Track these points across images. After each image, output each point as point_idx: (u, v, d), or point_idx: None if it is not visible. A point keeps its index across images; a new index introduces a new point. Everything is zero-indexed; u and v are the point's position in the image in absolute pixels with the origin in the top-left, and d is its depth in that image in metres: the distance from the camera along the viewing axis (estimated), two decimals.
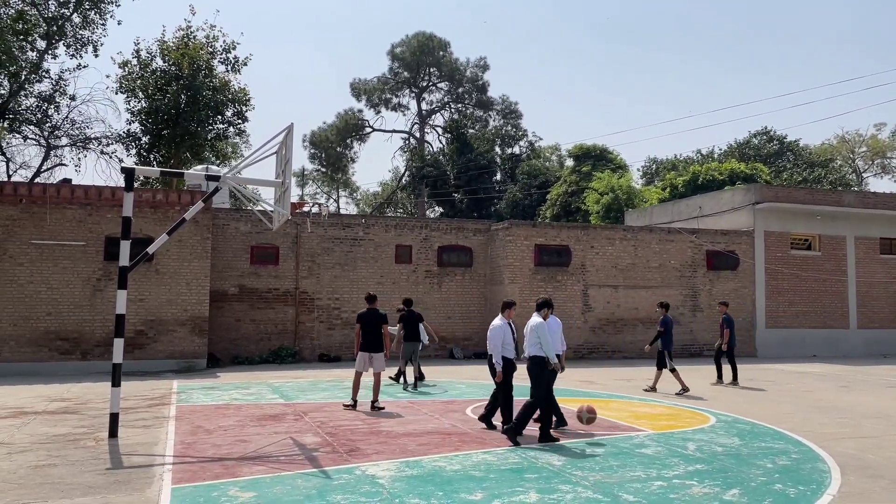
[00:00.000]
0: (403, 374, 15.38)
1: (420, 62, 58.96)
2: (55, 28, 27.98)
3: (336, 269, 21.76)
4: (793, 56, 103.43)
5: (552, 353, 9.40)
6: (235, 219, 21.05)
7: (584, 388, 15.10)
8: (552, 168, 53.21)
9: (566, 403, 11.49)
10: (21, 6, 27.00)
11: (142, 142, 28.25)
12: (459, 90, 60.27)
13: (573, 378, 16.46)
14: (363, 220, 22.82)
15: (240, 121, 29.29)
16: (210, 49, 28.25)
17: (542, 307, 9.81)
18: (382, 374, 12.31)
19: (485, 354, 21.97)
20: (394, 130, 62.05)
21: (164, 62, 27.70)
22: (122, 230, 9.68)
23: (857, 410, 12.51)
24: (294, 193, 57.96)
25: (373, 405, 11.90)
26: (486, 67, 60.06)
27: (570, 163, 46.55)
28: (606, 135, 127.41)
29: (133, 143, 28.45)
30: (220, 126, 28.98)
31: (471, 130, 55.90)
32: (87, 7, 28.34)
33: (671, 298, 23.50)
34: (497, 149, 56.28)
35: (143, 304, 18.42)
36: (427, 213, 54.82)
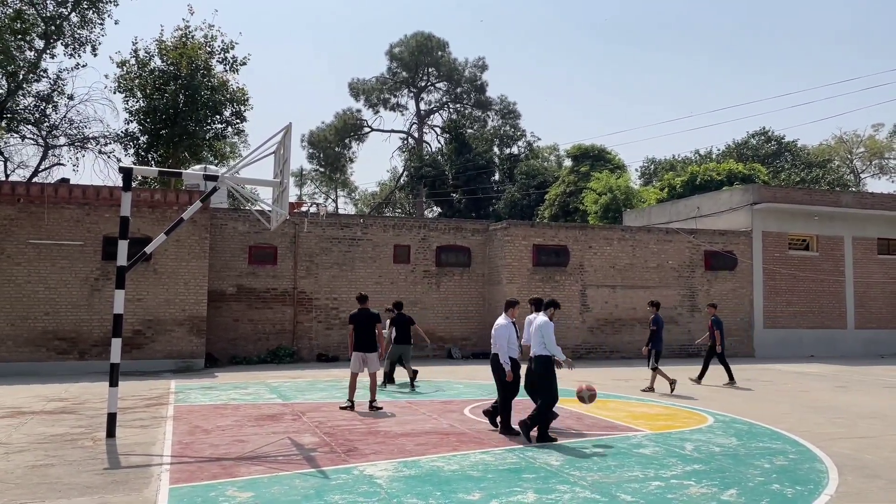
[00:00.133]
0: (386, 375, 15.22)
1: (418, 62, 58.95)
2: (53, 27, 27.97)
3: (334, 269, 21.76)
4: (791, 56, 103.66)
5: (559, 352, 9.49)
6: (233, 218, 21.04)
7: None
8: (550, 168, 53.25)
9: (563, 403, 11.49)
10: (19, 5, 26.99)
11: (140, 141, 28.24)
12: (458, 90, 60.27)
13: (571, 378, 16.42)
14: (361, 220, 22.82)
15: (238, 120, 29.30)
16: (208, 49, 28.25)
17: (548, 306, 9.87)
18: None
19: (483, 354, 22.27)
20: (392, 130, 62.11)
21: (163, 62, 27.69)
22: (120, 230, 9.68)
23: (855, 410, 12.52)
24: (292, 193, 57.87)
25: (371, 405, 11.91)
26: (485, 67, 60.13)
27: (569, 163, 46.60)
28: (605, 135, 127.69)
29: (131, 143, 28.45)
30: (219, 126, 28.99)
31: (469, 130, 55.92)
32: (86, 6, 28.33)
33: (669, 299, 23.56)
34: (495, 149, 56.32)
35: (141, 304, 18.41)
36: (425, 213, 54.80)
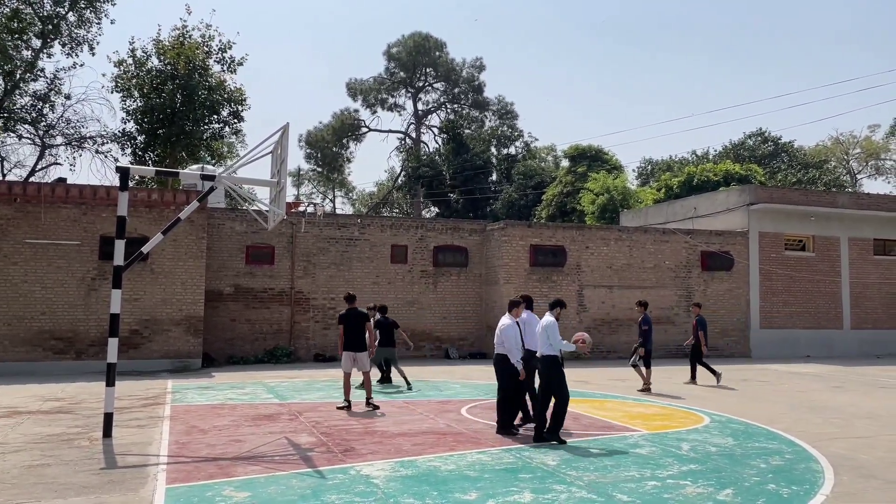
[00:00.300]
0: (382, 376, 15.23)
1: (416, 62, 58.92)
2: (50, 27, 27.92)
3: (332, 269, 21.75)
4: (788, 57, 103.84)
5: (567, 345, 9.62)
6: (231, 218, 21.02)
7: (580, 389, 15.09)
8: (548, 168, 53.28)
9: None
10: (16, 4, 26.95)
11: (137, 141, 28.19)
12: (455, 90, 60.26)
13: (568, 378, 16.44)
14: (359, 220, 22.81)
15: (235, 120, 29.26)
16: (206, 48, 28.21)
17: (555, 306, 9.93)
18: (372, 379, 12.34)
19: (480, 354, 22.32)
20: (390, 130, 62.06)
21: (160, 61, 27.65)
22: (117, 229, 9.67)
23: (850, 411, 12.56)
24: (290, 193, 57.93)
25: (367, 402, 11.98)
26: (483, 68, 60.13)
27: (566, 163, 46.62)
28: (602, 135, 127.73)
29: (128, 143, 28.40)
30: (216, 125, 28.96)
31: (467, 131, 55.94)
32: (83, 6, 28.28)
33: (666, 299, 23.61)
34: (493, 149, 56.34)
35: (138, 304, 18.38)
36: (423, 214, 54.79)
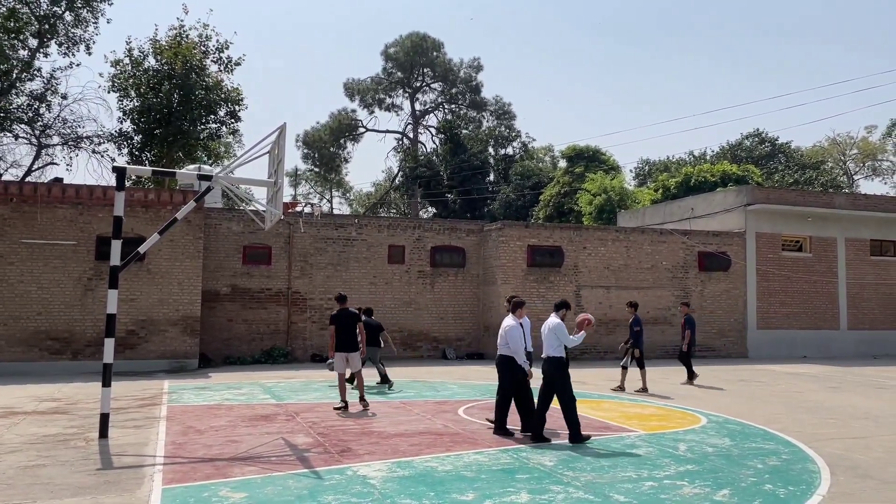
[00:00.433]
0: (382, 377, 15.26)
1: (413, 62, 58.90)
2: (47, 26, 27.85)
3: (329, 270, 21.73)
4: (785, 58, 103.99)
5: (578, 338, 9.65)
6: (228, 218, 20.99)
7: (576, 389, 15.07)
8: (545, 169, 53.32)
9: (556, 404, 11.48)
10: (13, 4, 26.87)
11: (134, 141, 28.11)
12: (453, 91, 60.25)
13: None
14: (356, 221, 22.79)
15: (232, 120, 29.18)
16: (203, 48, 28.15)
17: (560, 308, 9.92)
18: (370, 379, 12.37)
19: (478, 355, 22.33)
20: (387, 131, 62.04)
21: (157, 61, 27.58)
22: (114, 229, 9.65)
23: (847, 411, 12.58)
24: (287, 193, 57.76)
25: (361, 400, 12.06)
26: (480, 68, 60.13)
27: (563, 164, 46.69)
28: (599, 136, 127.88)
29: (125, 143, 28.31)
30: (213, 125, 28.87)
31: (464, 131, 55.93)
32: (80, 5, 28.21)
33: (663, 300, 23.65)
34: (490, 149, 56.34)
35: (135, 304, 18.35)
36: (420, 214, 54.78)
